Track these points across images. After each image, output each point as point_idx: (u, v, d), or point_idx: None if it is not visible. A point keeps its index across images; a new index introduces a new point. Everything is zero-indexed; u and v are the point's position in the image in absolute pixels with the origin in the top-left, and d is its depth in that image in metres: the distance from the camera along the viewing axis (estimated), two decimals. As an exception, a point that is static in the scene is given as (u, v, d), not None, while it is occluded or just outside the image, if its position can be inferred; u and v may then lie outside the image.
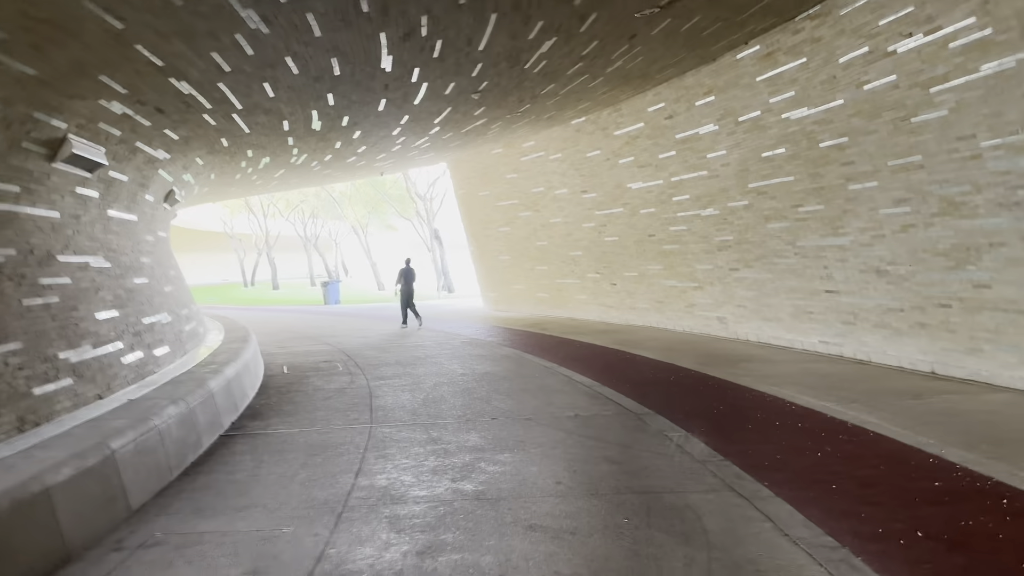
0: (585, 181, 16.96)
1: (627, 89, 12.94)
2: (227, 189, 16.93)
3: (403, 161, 18.64)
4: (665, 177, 14.28)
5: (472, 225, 22.84)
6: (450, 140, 14.77)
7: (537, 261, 19.86)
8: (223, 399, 7.44)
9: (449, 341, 14.41)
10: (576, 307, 18.66)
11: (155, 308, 8.82)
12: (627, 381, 9.38)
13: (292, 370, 11.13)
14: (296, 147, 11.55)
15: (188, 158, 10.01)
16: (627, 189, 15.60)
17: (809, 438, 6.40)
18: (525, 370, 10.44)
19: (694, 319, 14.51)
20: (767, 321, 12.50)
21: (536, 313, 20.34)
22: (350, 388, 9.34)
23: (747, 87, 11.55)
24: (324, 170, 16.42)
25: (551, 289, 19.59)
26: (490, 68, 8.75)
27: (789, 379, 9.21)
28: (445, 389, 9.05)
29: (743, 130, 11.93)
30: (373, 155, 14.92)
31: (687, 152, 13.47)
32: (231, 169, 12.63)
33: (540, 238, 19.43)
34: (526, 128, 15.77)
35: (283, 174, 15.58)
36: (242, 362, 8.86)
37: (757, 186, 11.95)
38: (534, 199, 19.16)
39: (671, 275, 14.94)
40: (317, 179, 19.67)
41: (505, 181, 20.09)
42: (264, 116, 8.70)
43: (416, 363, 11.42)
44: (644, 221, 15.34)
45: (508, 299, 21.85)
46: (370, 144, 12.96)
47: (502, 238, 21.16)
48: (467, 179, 22.06)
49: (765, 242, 12.13)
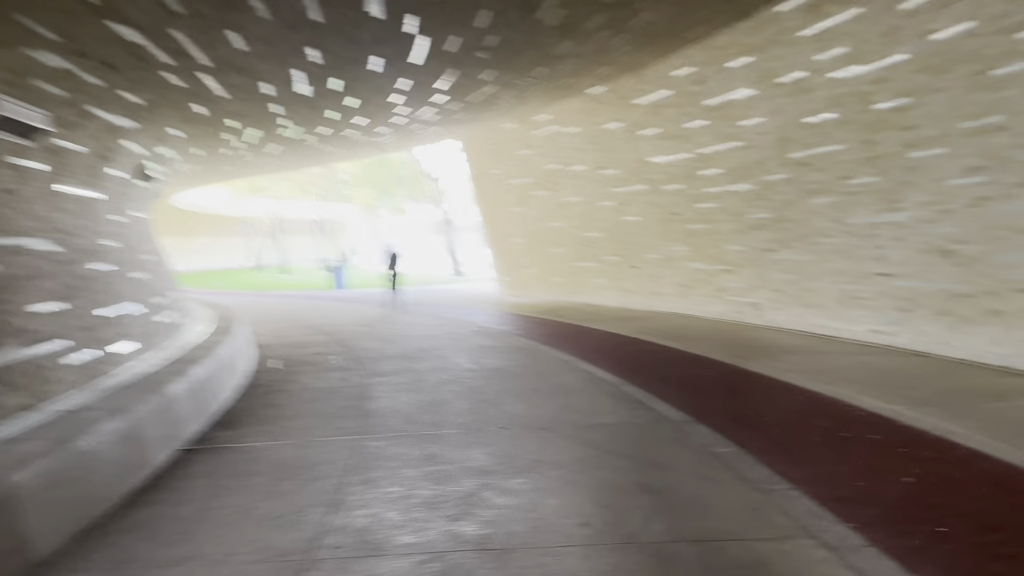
0: (603, 156, 15.70)
1: (651, 51, 11.65)
2: (220, 167, 15.82)
3: (408, 137, 17.43)
4: (692, 149, 13.00)
5: (485, 206, 21.63)
6: (457, 113, 13.55)
7: (552, 243, 18.66)
8: (188, 405, 6.36)
9: (458, 330, 13.29)
10: (594, 292, 17.47)
11: (118, 297, 7.73)
12: (656, 378, 8.22)
13: (285, 364, 10.05)
14: (283, 117, 10.38)
15: (159, 128, 8.88)
16: (649, 164, 14.33)
17: (888, 455, 5.22)
18: (540, 365, 9.29)
19: (724, 305, 13.29)
20: (808, 307, 11.27)
21: (552, 298, 19.16)
22: (343, 387, 8.24)
23: (789, 44, 10.24)
24: (322, 146, 15.26)
25: (567, 273, 18.39)
26: (498, 17, 7.53)
27: (842, 375, 8.01)
28: (449, 389, 7.92)
29: (784, 94, 10.63)
30: (372, 128, 13.73)
31: (718, 121, 12.18)
32: (215, 142, 11.50)
33: (555, 219, 18.20)
34: (540, 99, 14.51)
35: (276, 149, 14.44)
36: (217, 360, 7.77)
37: (799, 156, 10.67)
38: (549, 177, 17.92)
39: (698, 257, 13.70)
40: (318, 157, 18.49)
41: (518, 158, 18.85)
42: (238, 76, 7.54)
43: (420, 356, 10.31)
44: (668, 199, 14.08)
45: (522, 283, 20.68)
46: (368, 115, 11.77)
47: (515, 219, 19.96)
48: (479, 157, 20.84)
49: (808, 219, 10.87)
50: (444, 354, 10.45)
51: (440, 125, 15.40)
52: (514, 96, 13.04)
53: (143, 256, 9.69)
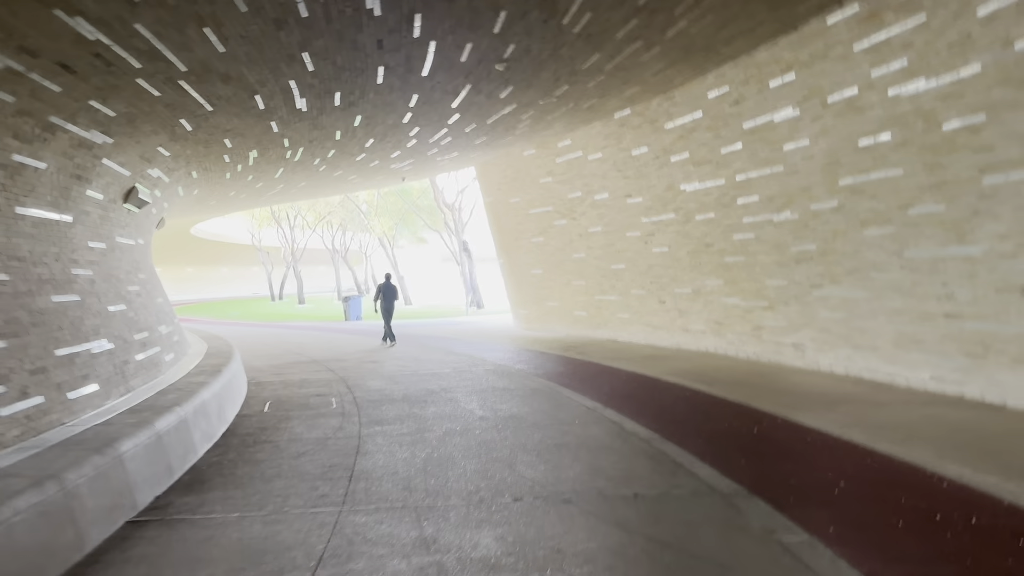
0: (630, 184, 14.75)
1: (684, 68, 10.74)
2: (227, 193, 15.09)
3: (425, 163, 16.65)
4: (728, 176, 12.01)
5: (502, 236, 20.74)
6: (474, 135, 12.72)
7: (574, 275, 17.66)
8: (146, 463, 5.39)
9: (472, 368, 12.27)
10: (618, 327, 16.40)
11: (84, 334, 6.84)
12: (695, 433, 7.13)
13: (276, 407, 9.09)
14: (285, 136, 9.57)
15: (145, 146, 8.06)
16: (680, 192, 13.35)
17: (1006, 552, 4.10)
18: (561, 412, 8.23)
19: (762, 344, 12.17)
20: (859, 350, 10.13)
21: (572, 333, 18.12)
22: (335, 438, 7.23)
23: (840, 59, 9.27)
24: (334, 172, 14.49)
25: (589, 306, 17.36)
26: (517, 21, 6.64)
27: (912, 432, 6.88)
28: (457, 443, 6.88)
29: (833, 114, 9.64)
30: (386, 153, 12.93)
31: (757, 144, 11.20)
32: (216, 166, 10.71)
33: (577, 249, 17.24)
34: (562, 122, 13.65)
35: (286, 175, 13.66)
36: (195, 405, 6.82)
37: (851, 183, 9.63)
38: (571, 206, 17.00)
39: (734, 292, 12.62)
40: (331, 184, 17.78)
41: (538, 186, 17.97)
42: (224, 85, 6.69)
43: (427, 400, 9.29)
44: (701, 228, 13.06)
45: (541, 317, 19.67)
46: (378, 136, 10.94)
47: (535, 250, 19.02)
48: (496, 185, 20.00)
49: (860, 252, 9.79)
50: (454, 397, 9.43)
51: (458, 151, 14.58)
52: (534, 118, 12.17)
53: (129, 287, 8.83)
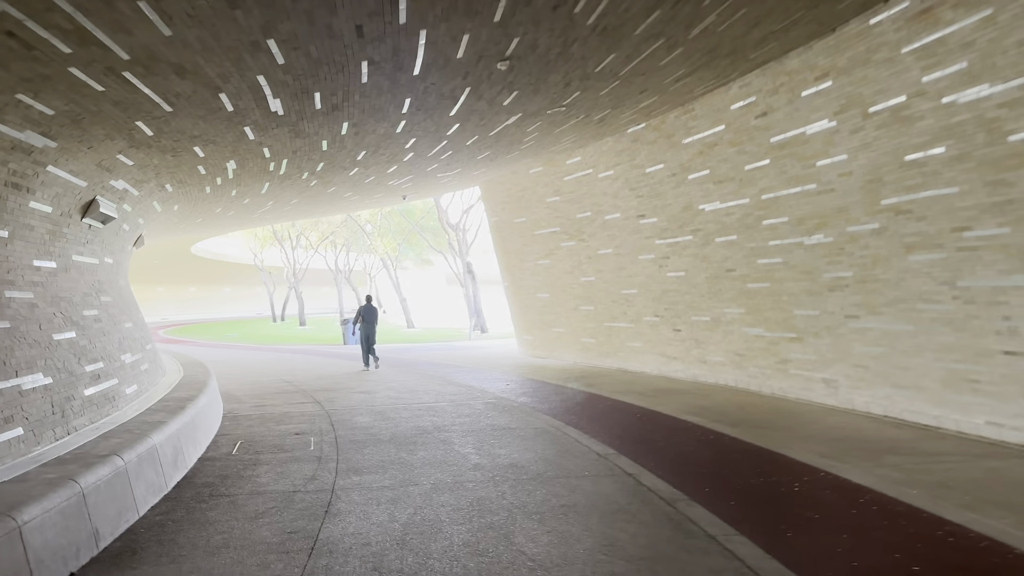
0: (643, 203, 13.77)
1: (707, 75, 9.78)
2: (213, 211, 14.16)
3: (426, 180, 15.73)
4: (753, 195, 11.01)
5: (507, 257, 19.76)
6: (477, 149, 11.78)
7: (582, 300, 16.63)
8: (56, 533, 4.35)
9: (470, 402, 11.20)
10: (628, 356, 15.33)
11: (12, 368, 5.84)
12: (726, 490, 6.06)
13: (247, 448, 8.04)
14: (265, 146, 8.63)
15: (100, 152, 7.11)
16: (699, 212, 12.36)
17: None
18: (568, 460, 7.15)
19: (788, 379, 11.08)
20: (901, 389, 9.05)
21: (580, 362, 17.04)
22: (304, 492, 6.18)
23: (884, 63, 8.30)
24: (327, 188, 13.56)
25: (598, 333, 16.31)
26: (522, 8, 5.69)
27: (982, 494, 5.79)
28: (445, 500, 5.82)
29: (875, 125, 8.65)
30: (381, 167, 11.99)
31: (786, 160, 10.21)
32: (191, 179, 9.78)
33: (586, 272, 16.22)
34: (571, 136, 12.71)
35: (274, 191, 12.73)
36: (135, 455, 5.79)
37: (895, 202, 8.62)
38: (579, 226, 16.01)
39: (757, 321, 11.56)
40: (326, 202, 16.85)
41: (545, 205, 17.02)
42: (179, 80, 5.74)
43: (417, 441, 8.23)
44: (721, 252, 12.04)
45: (547, 344, 18.61)
46: (370, 148, 10.00)
47: (541, 272, 18.02)
48: (501, 204, 19.06)
49: (904, 280, 8.75)
50: (448, 438, 8.36)
51: (461, 166, 13.64)
52: (542, 131, 11.22)
53: (85, 312, 7.85)
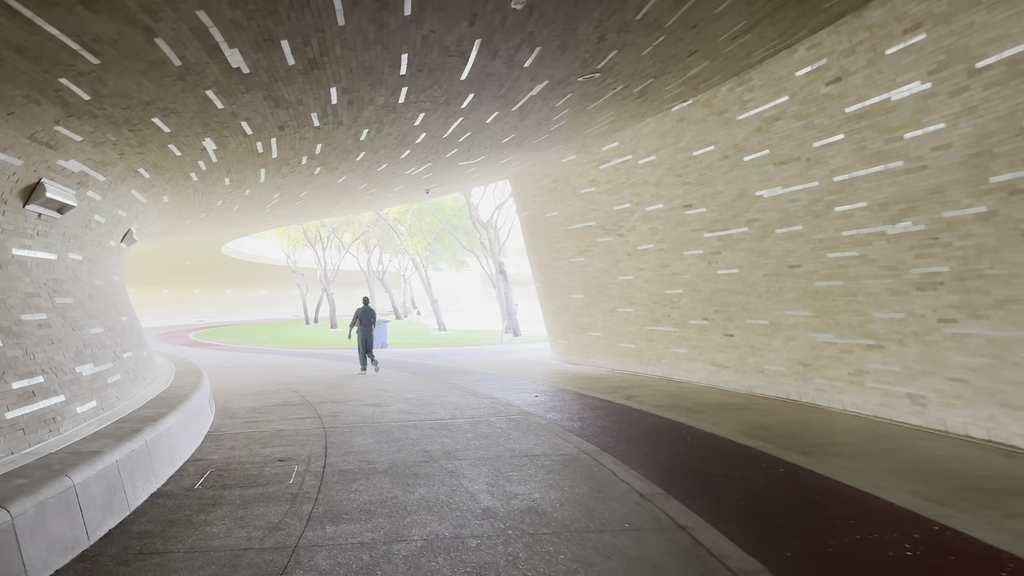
0: (690, 192, 12.17)
1: (769, 33, 8.18)
2: (214, 203, 12.97)
3: (448, 171, 14.35)
4: (823, 177, 9.36)
5: (538, 255, 18.27)
6: (499, 128, 10.35)
7: (620, 301, 15.06)
8: None
9: (492, 419, 9.75)
10: (673, 364, 13.72)
11: None
12: (813, 551, 4.50)
13: (215, 479, 6.72)
14: (241, 118, 7.30)
15: (29, 122, 5.85)
16: (756, 200, 10.73)
17: None
18: (602, 505, 5.65)
19: (864, 393, 9.40)
20: (1011, 409, 7.34)
21: (618, 368, 15.47)
22: (259, 550, 4.78)
23: (998, 6, 6.63)
24: (335, 177, 12.26)
25: (639, 338, 14.72)
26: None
27: None
28: (437, 567, 4.37)
29: (984, 84, 6.98)
30: (392, 152, 10.62)
31: (865, 134, 8.55)
32: (167, 162, 8.52)
33: (624, 271, 14.65)
34: (608, 115, 11.20)
35: (275, 180, 11.47)
36: (32, 504, 4.47)
37: (1010, 179, 6.93)
38: (617, 220, 14.45)
39: (826, 326, 9.90)
40: (341, 196, 15.57)
41: (579, 198, 15.49)
42: (91, 15, 4.41)
43: (419, 472, 6.80)
44: (783, 245, 10.40)
45: (582, 348, 17.07)
46: (372, 124, 8.63)
47: (575, 271, 16.48)
48: (531, 197, 17.58)
49: (1019, 276, 7.05)
50: (457, 468, 6.91)
51: (484, 153, 12.22)
52: (573, 107, 9.73)
53: (24, 316, 6.60)
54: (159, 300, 57.43)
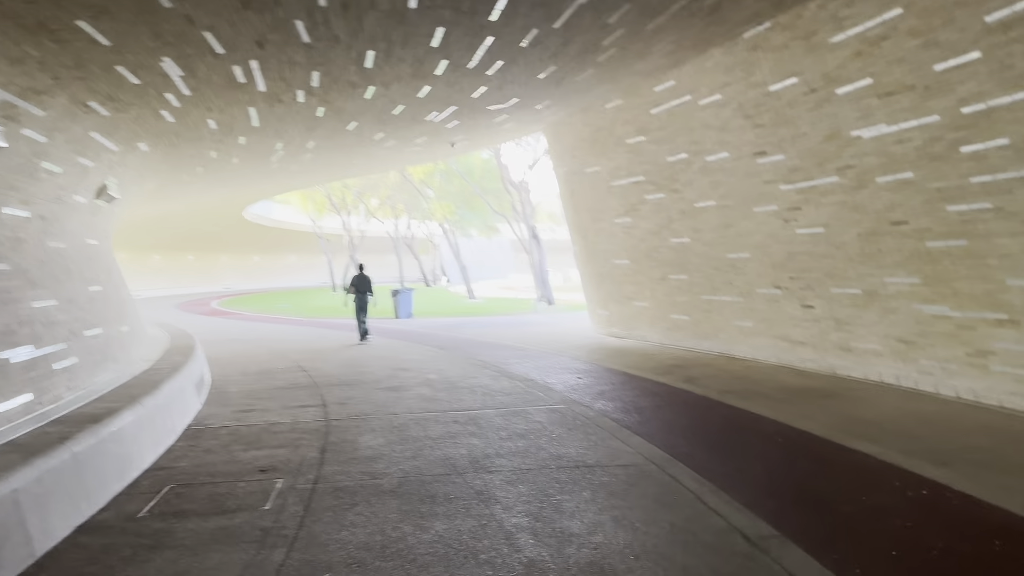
0: (764, 136, 10.23)
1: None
2: (207, 155, 11.36)
3: (476, 118, 12.57)
4: (948, 109, 7.40)
5: (577, 216, 16.42)
6: (537, 58, 8.54)
7: (672, 267, 13.23)
8: None
9: (528, 409, 8.10)
10: (734, 339, 11.91)
11: None
12: None
13: (170, 501, 5.19)
14: (203, 25, 5.60)
15: None
16: (851, 142, 8.78)
17: None
18: (697, 559, 3.94)
19: (988, 379, 7.56)
20: None
21: (668, 343, 13.70)
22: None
23: None
24: (343, 121, 10.57)
25: (694, 309, 12.90)
26: None
27: None
28: None
29: None
30: (407, 87, 8.87)
31: (1015, 48, 6.58)
32: (125, 94, 6.88)
33: (678, 232, 12.78)
34: (668, 41, 9.29)
35: (271, 124, 9.81)
36: None
37: None
38: (671, 173, 12.54)
39: (940, 296, 8.02)
40: (354, 146, 13.81)
41: (626, 149, 13.58)
42: None
43: (438, 494, 5.16)
44: (886, 197, 8.49)
45: (626, 320, 15.29)
46: (380, 46, 6.88)
47: (619, 233, 14.63)
48: (570, 150, 15.69)
49: None
50: (488, 488, 5.26)
51: (517, 94, 10.41)
52: (628, 27, 7.84)
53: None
54: (184, 266, 56.68)
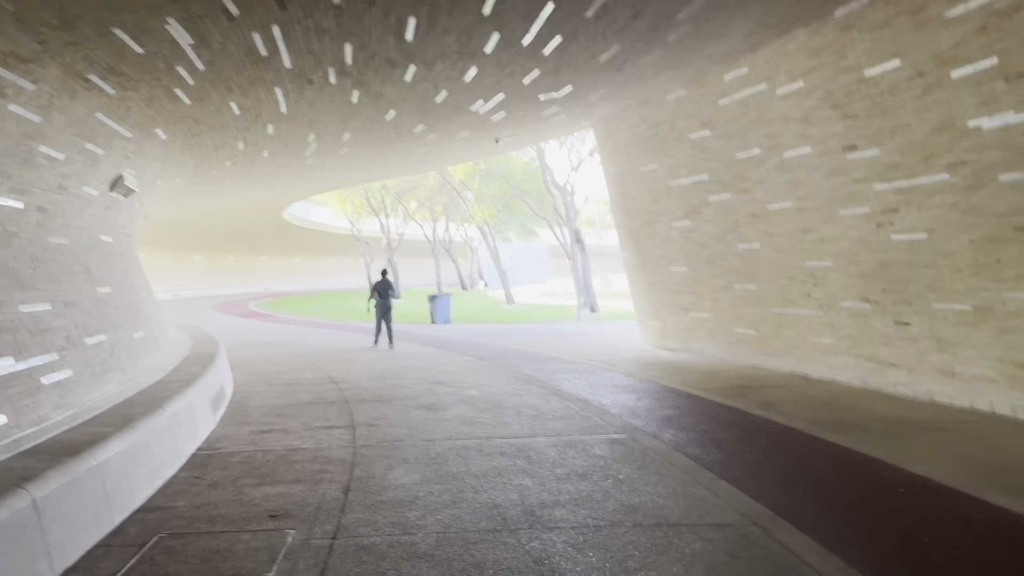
0: (856, 127, 8.96)
1: None
2: (237, 148, 10.49)
3: (525, 109, 11.53)
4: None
5: (630, 219, 15.23)
6: (600, 32, 7.45)
7: (738, 275, 11.97)
8: None
9: (586, 440, 6.98)
10: (810, 357, 10.61)
11: None
12: None
13: (147, 568, 4.19)
14: None
15: None
16: (966, 133, 7.49)
17: None
18: None
19: None
20: None
21: (730, 359, 12.43)
22: None
23: None
24: (380, 109, 9.61)
25: (762, 323, 11.63)
26: None
27: None
28: None
29: None
30: (452, 67, 7.85)
31: None
32: (127, 65, 5.97)
33: (747, 237, 11.54)
34: (746, 25, 8.11)
35: (299, 108, 8.87)
36: None
37: None
38: (740, 171, 11.31)
39: (1085, 316, 6.69)
40: (392, 140, 12.87)
41: (688, 145, 12.38)
42: None
43: (487, 561, 4.06)
44: (1009, 198, 7.18)
45: (682, 332, 14.04)
46: (422, 12, 5.85)
47: (677, 238, 13.42)
48: (624, 147, 14.53)
49: None
50: (548, 555, 4.11)
51: (574, 84, 9.34)
52: (702, 2, 6.70)
53: None
54: (224, 267, 56.73)
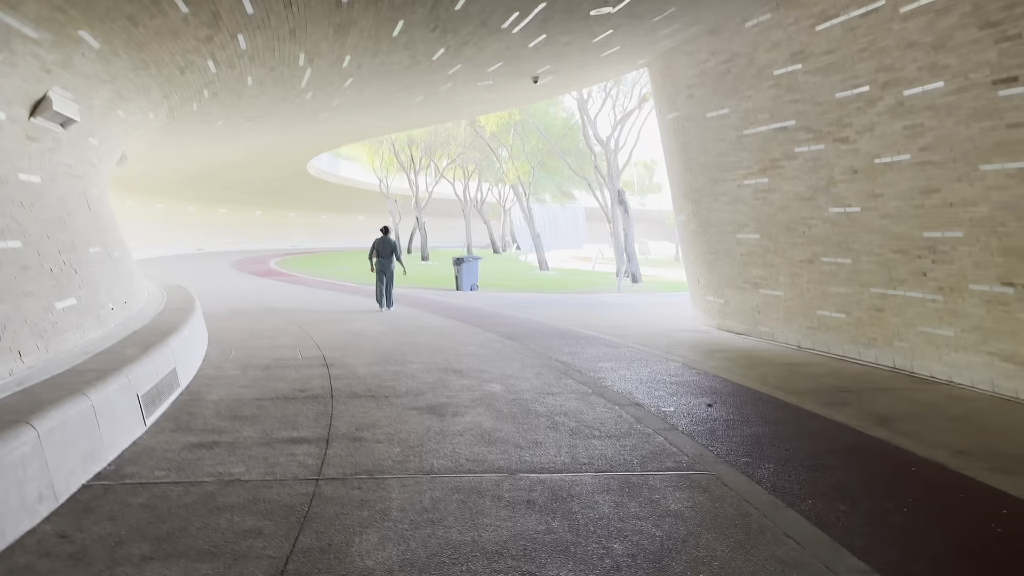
0: (1016, 54, 6.64)
1: None
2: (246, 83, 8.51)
3: (569, 30, 9.34)
4: None
5: (689, 176, 12.95)
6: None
7: (828, 246, 9.71)
8: None
9: (647, 472, 4.98)
10: (921, 351, 8.42)
11: None
12: None
13: None
14: None
15: None
16: None
17: None
18: None
19: None
20: None
21: (810, 346, 10.26)
22: None
23: None
24: (382, 17, 7.50)
25: (856, 305, 9.40)
26: None
27: None
28: None
29: None
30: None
31: None
32: None
33: (843, 198, 9.26)
34: None
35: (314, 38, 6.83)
36: None
37: None
38: (839, 115, 8.99)
39: None
40: (410, 73, 10.78)
41: (770, 83, 10.05)
42: None
43: None
44: None
45: (748, 312, 11.84)
46: None
47: (749, 199, 11.14)
48: (685, 89, 12.20)
49: None
50: None
51: None
52: None
53: None
54: (251, 221, 55.39)
